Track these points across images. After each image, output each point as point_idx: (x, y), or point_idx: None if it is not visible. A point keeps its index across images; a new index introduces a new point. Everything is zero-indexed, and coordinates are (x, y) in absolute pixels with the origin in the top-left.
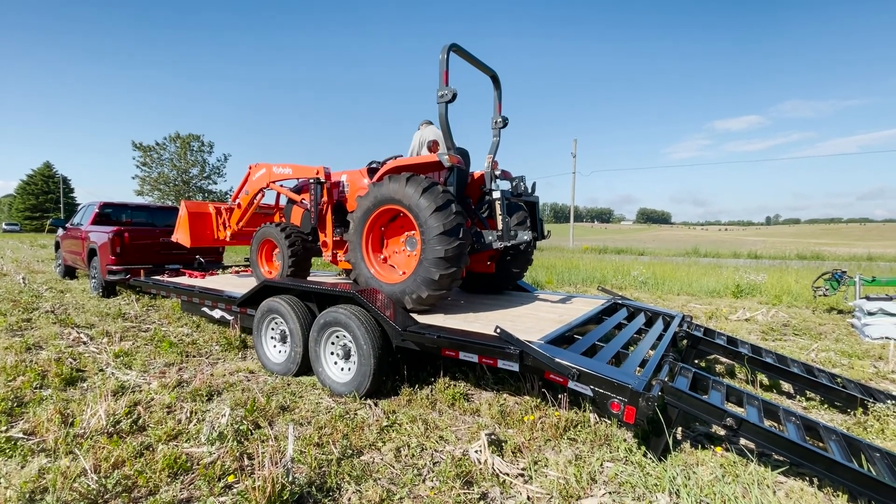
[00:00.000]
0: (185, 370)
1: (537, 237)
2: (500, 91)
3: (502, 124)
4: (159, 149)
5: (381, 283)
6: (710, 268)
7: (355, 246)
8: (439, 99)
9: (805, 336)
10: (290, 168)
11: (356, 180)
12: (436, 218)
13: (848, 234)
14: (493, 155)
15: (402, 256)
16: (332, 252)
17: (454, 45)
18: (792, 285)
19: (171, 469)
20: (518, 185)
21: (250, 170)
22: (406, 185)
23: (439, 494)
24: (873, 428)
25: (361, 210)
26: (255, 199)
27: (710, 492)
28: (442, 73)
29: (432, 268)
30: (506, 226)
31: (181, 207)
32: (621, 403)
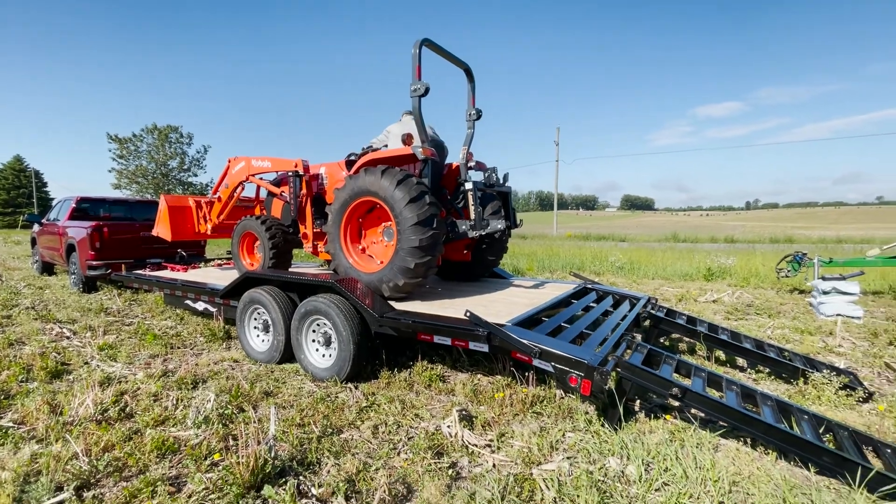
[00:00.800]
0: (170, 361)
1: (510, 226)
2: (473, 84)
3: (476, 116)
4: (136, 140)
5: (359, 272)
6: (685, 252)
7: (334, 237)
8: (412, 93)
9: (765, 315)
10: (269, 161)
11: (335, 173)
12: (410, 209)
13: (823, 217)
14: (468, 146)
15: (379, 246)
16: (313, 243)
17: (426, 39)
18: (759, 268)
19: (160, 450)
20: (490, 175)
21: (229, 163)
22: (381, 177)
23: (412, 465)
24: (811, 395)
25: (339, 202)
26: (235, 192)
27: (655, 453)
28: (415, 68)
29: (408, 257)
30: (478, 215)
31: (161, 201)
32: (578, 377)
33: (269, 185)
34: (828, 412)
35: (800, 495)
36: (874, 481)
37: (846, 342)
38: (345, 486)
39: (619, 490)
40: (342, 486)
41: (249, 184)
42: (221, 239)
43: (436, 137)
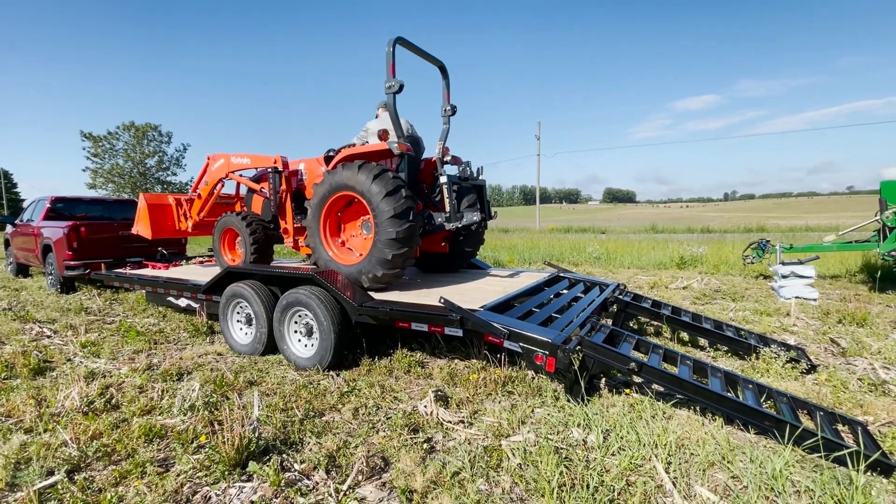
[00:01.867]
0: (154, 356)
1: (485, 218)
2: (448, 80)
3: (451, 112)
4: (112, 139)
5: (339, 264)
6: (661, 243)
7: (314, 231)
8: (387, 90)
9: (730, 299)
10: (249, 158)
11: (314, 168)
12: (387, 202)
13: (798, 207)
14: (444, 142)
15: (358, 240)
16: (294, 238)
17: (400, 38)
18: (729, 255)
19: (147, 437)
20: (465, 169)
21: (209, 160)
22: (358, 172)
23: (390, 441)
24: (761, 368)
25: (318, 197)
26: (215, 189)
27: (614, 423)
28: (388, 66)
29: (385, 248)
30: (453, 208)
31: (140, 200)
32: (543, 356)
33: (248, 182)
34: (773, 383)
35: (738, 453)
36: (801, 437)
37: (800, 322)
38: (325, 460)
39: (579, 455)
40: (323, 461)
41: (229, 181)
42: (202, 236)
43: (413, 133)
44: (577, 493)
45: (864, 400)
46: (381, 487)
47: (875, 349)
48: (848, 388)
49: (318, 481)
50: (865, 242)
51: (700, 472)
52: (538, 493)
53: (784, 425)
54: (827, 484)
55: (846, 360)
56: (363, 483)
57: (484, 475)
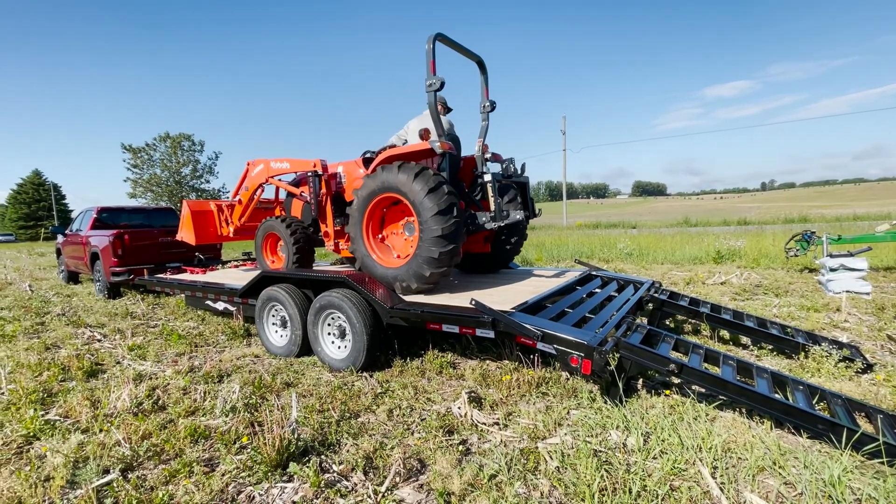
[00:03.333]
0: (195, 358)
1: (529, 216)
2: (486, 76)
3: (490, 108)
4: (149, 150)
5: (384, 268)
6: (695, 237)
7: (356, 235)
8: (427, 88)
9: (772, 294)
10: (288, 162)
11: (352, 171)
12: (430, 199)
13: (843, 195)
14: (483, 139)
15: (401, 242)
16: (335, 241)
17: (440, 34)
18: (769, 248)
19: (193, 437)
20: (508, 166)
21: (248, 166)
22: (398, 172)
23: (425, 442)
24: (811, 368)
25: (359, 200)
26: (255, 194)
27: (654, 425)
28: (429, 63)
29: (432, 247)
30: (498, 206)
31: (184, 207)
32: (579, 358)
33: (288, 186)
34: (825, 383)
35: (790, 458)
36: (860, 442)
37: (852, 317)
38: (363, 462)
39: (619, 459)
40: (361, 463)
41: (269, 185)
42: (243, 241)
43: (452, 132)
44: (619, 498)
45: None
46: (419, 489)
47: None
48: None
49: (357, 482)
50: None
51: (749, 477)
52: (578, 497)
53: (840, 429)
54: (891, 492)
55: None
56: (401, 485)
57: (521, 478)
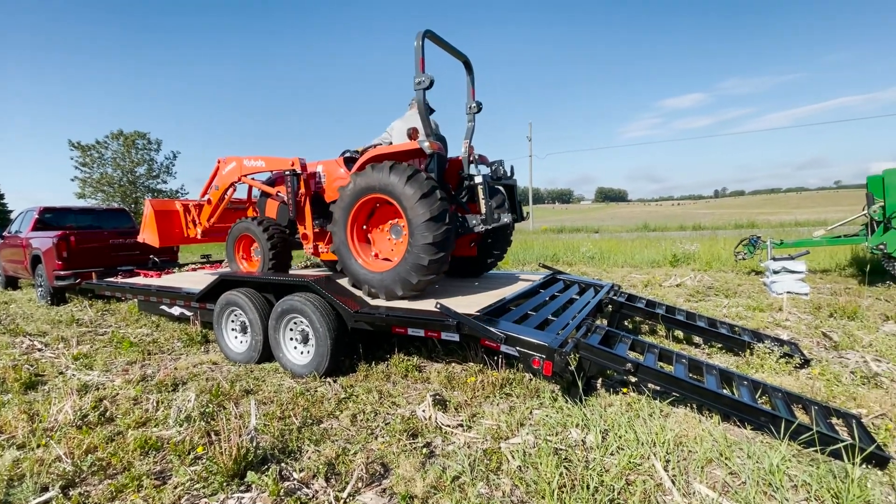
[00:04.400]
0: (148, 366)
1: (516, 219)
2: (472, 76)
3: (476, 109)
4: (100, 147)
5: (368, 271)
6: (654, 241)
7: (340, 237)
8: (416, 86)
9: (723, 296)
10: (263, 160)
11: (333, 170)
12: (422, 205)
13: (786, 202)
14: (469, 140)
15: (387, 245)
16: (314, 244)
17: (428, 31)
18: (720, 252)
19: (143, 449)
20: (497, 168)
21: (219, 164)
22: (390, 173)
23: (389, 447)
24: (755, 364)
25: (344, 200)
26: (226, 193)
27: (612, 423)
28: (418, 61)
29: (422, 254)
30: (489, 209)
31: (146, 206)
32: (540, 359)
33: (263, 186)
34: (768, 378)
35: (736, 449)
36: (797, 432)
37: (793, 316)
38: (325, 468)
39: (578, 456)
40: (322, 469)
41: (241, 185)
42: (212, 243)
43: (438, 132)
44: (578, 494)
45: (857, 393)
46: (382, 494)
47: (866, 342)
48: (841, 382)
49: (318, 489)
50: (854, 237)
51: (698, 469)
52: (538, 495)
53: (779, 420)
54: (823, 478)
55: (838, 353)
56: (363, 490)
57: (484, 478)
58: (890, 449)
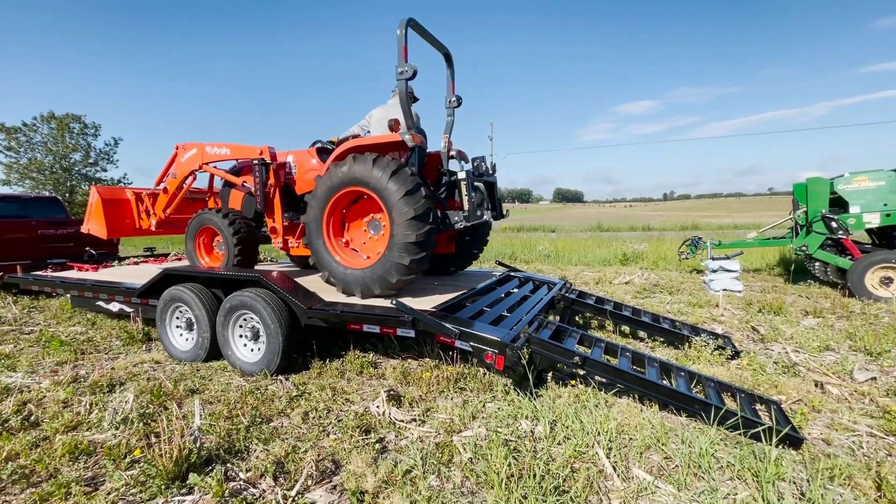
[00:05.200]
0: (81, 367)
1: (496, 216)
2: (452, 69)
3: (456, 103)
4: (28, 130)
5: (345, 269)
6: (606, 240)
7: (315, 231)
8: (399, 76)
9: (667, 293)
10: (228, 148)
11: (304, 161)
12: (406, 202)
13: (727, 206)
14: (449, 135)
15: (364, 241)
16: (283, 238)
17: (412, 19)
18: (666, 252)
19: (72, 455)
20: (479, 165)
21: (177, 150)
22: (373, 166)
23: (341, 443)
24: (692, 356)
25: (321, 192)
26: (185, 182)
27: (560, 413)
28: (401, 49)
29: (403, 253)
30: (472, 206)
31: (92, 193)
32: (493, 354)
33: (227, 175)
34: (702, 369)
35: (672, 435)
36: (725, 417)
37: (727, 312)
38: (273, 467)
39: (527, 446)
40: (271, 468)
41: (202, 173)
42: (167, 235)
43: (418, 125)
44: (525, 483)
45: (779, 381)
46: (332, 491)
47: (788, 335)
48: (765, 371)
49: (266, 489)
50: (781, 239)
51: (637, 454)
52: (488, 486)
53: (710, 408)
54: (745, 458)
55: (764, 345)
56: (313, 487)
57: (435, 471)
58: (804, 431)
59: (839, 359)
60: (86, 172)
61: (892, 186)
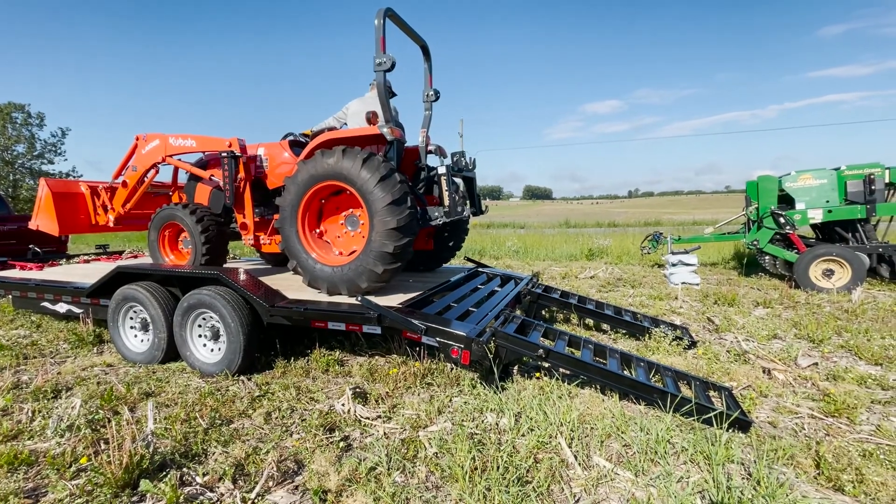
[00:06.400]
0: (23, 372)
1: (475, 212)
2: (430, 62)
3: (434, 97)
4: None
5: (325, 267)
6: (572, 236)
7: (289, 229)
8: (377, 67)
9: (629, 286)
10: (194, 139)
11: (276, 154)
12: (381, 188)
13: (687, 204)
14: (427, 129)
15: (342, 238)
16: (254, 234)
17: (389, 9)
18: (630, 247)
19: (11, 465)
20: (459, 160)
21: (137, 141)
22: (343, 158)
23: (304, 443)
24: (652, 347)
25: (295, 188)
26: (146, 176)
27: (524, 406)
28: (378, 40)
29: (385, 240)
30: (452, 201)
31: (41, 187)
32: (459, 349)
33: (193, 168)
34: (661, 359)
35: (631, 423)
36: (681, 405)
37: (685, 304)
38: (232, 470)
39: (492, 439)
40: (230, 471)
41: (165, 166)
42: (125, 231)
43: (396, 118)
44: (489, 475)
45: (731, 368)
46: (294, 491)
47: (740, 325)
48: (719, 360)
49: (224, 492)
50: (735, 234)
51: (598, 443)
52: (452, 479)
53: (667, 396)
54: (698, 443)
55: (719, 335)
56: (274, 489)
57: (400, 468)
58: (753, 415)
59: (785, 346)
60: (30, 165)
61: (833, 184)
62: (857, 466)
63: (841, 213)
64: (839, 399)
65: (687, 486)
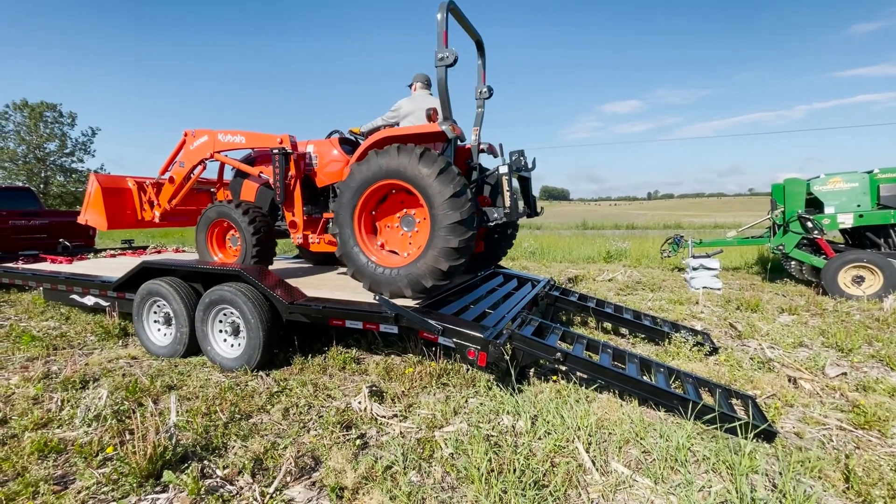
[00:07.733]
0: (53, 363)
1: (531, 213)
2: (484, 58)
3: (487, 94)
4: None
5: (387, 269)
6: (590, 238)
7: (346, 229)
8: (438, 62)
9: (649, 290)
10: (243, 136)
11: (325, 151)
12: (441, 182)
13: (709, 206)
14: (479, 127)
15: (398, 239)
16: (304, 233)
17: (451, 2)
18: (649, 250)
19: (41, 452)
20: (518, 159)
21: (185, 137)
22: (399, 155)
23: (321, 439)
24: (672, 352)
25: (352, 186)
26: (194, 172)
27: (541, 409)
28: (441, 34)
29: (450, 235)
30: (514, 201)
31: (91, 182)
32: (476, 350)
33: (241, 164)
34: (682, 365)
35: (650, 430)
36: (702, 412)
37: (707, 309)
38: (251, 464)
39: (508, 441)
40: (249, 465)
41: (213, 162)
42: (170, 227)
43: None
44: (505, 478)
45: (755, 376)
46: (311, 487)
47: (764, 332)
48: (742, 367)
49: (243, 486)
50: (759, 238)
51: (616, 449)
52: (468, 481)
53: (688, 403)
54: (721, 452)
55: (741, 342)
56: (291, 484)
57: (416, 467)
58: (778, 425)
59: (812, 355)
60: (61, 163)
61: (865, 188)
62: (889, 482)
63: (873, 218)
64: (870, 411)
65: (709, 496)
